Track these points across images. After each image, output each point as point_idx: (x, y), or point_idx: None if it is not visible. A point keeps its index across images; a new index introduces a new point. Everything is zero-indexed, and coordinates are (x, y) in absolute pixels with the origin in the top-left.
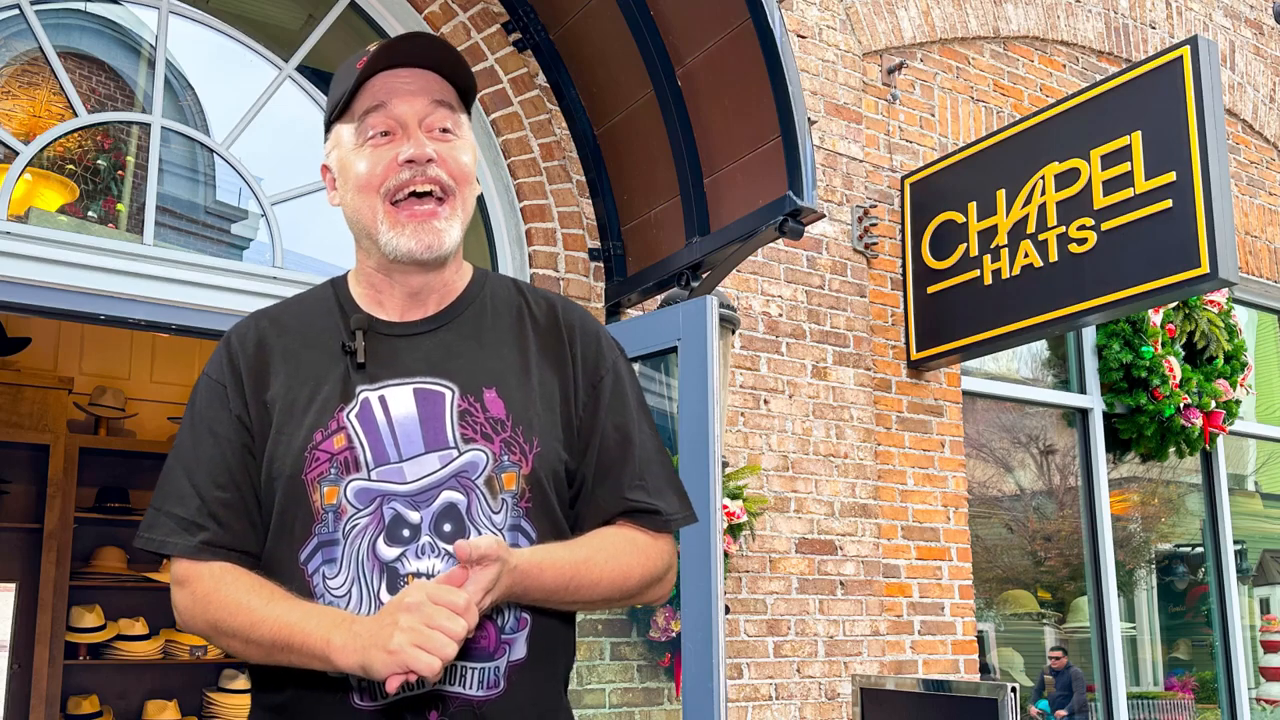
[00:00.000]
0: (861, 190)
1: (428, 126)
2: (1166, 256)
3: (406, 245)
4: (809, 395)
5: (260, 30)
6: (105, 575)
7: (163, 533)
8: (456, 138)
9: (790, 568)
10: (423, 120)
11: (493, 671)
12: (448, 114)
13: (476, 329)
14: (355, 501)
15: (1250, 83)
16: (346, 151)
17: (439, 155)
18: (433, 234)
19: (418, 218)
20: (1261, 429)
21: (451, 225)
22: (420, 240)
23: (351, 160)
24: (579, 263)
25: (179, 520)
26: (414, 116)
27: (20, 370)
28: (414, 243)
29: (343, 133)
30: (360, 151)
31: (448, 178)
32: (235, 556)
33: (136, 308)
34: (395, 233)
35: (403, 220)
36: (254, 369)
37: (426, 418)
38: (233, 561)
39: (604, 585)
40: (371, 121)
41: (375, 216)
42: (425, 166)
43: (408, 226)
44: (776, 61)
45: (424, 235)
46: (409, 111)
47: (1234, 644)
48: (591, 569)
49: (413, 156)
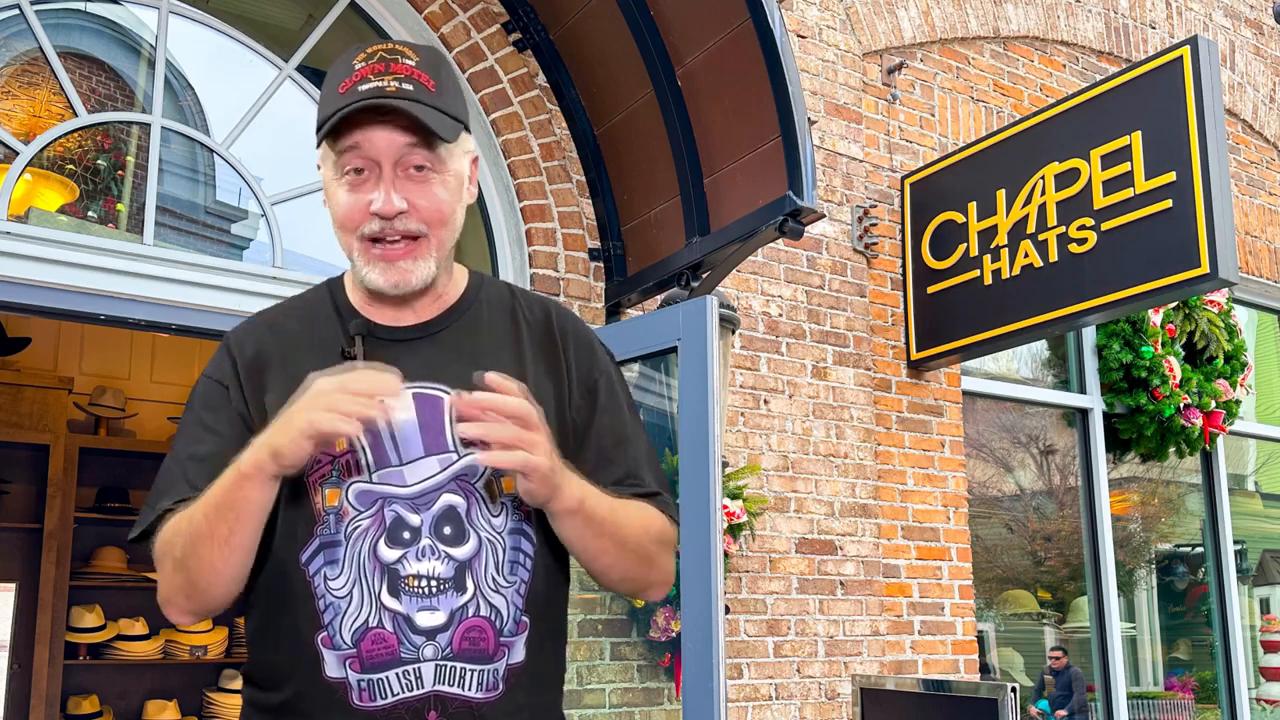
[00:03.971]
0: (861, 190)
1: (404, 165)
2: (1166, 256)
3: (378, 282)
4: (809, 395)
5: (260, 30)
6: (105, 575)
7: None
8: (435, 174)
9: (790, 568)
10: (398, 161)
11: (491, 674)
12: (425, 153)
13: (473, 334)
14: (357, 504)
15: (1250, 83)
16: (327, 177)
17: (410, 204)
18: (399, 274)
19: (386, 258)
20: (1261, 429)
21: (420, 264)
22: (389, 279)
23: (331, 190)
24: (579, 263)
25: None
26: (390, 157)
27: (20, 370)
28: (382, 280)
29: (325, 153)
30: (338, 184)
31: (418, 225)
32: None
33: (136, 308)
34: (368, 268)
35: (373, 257)
36: (252, 373)
37: (426, 422)
38: None
39: (635, 528)
40: (346, 159)
41: (351, 252)
42: (393, 221)
43: (377, 265)
44: (776, 61)
45: (391, 275)
46: (385, 151)
47: (1234, 644)
48: (626, 510)
49: (380, 211)
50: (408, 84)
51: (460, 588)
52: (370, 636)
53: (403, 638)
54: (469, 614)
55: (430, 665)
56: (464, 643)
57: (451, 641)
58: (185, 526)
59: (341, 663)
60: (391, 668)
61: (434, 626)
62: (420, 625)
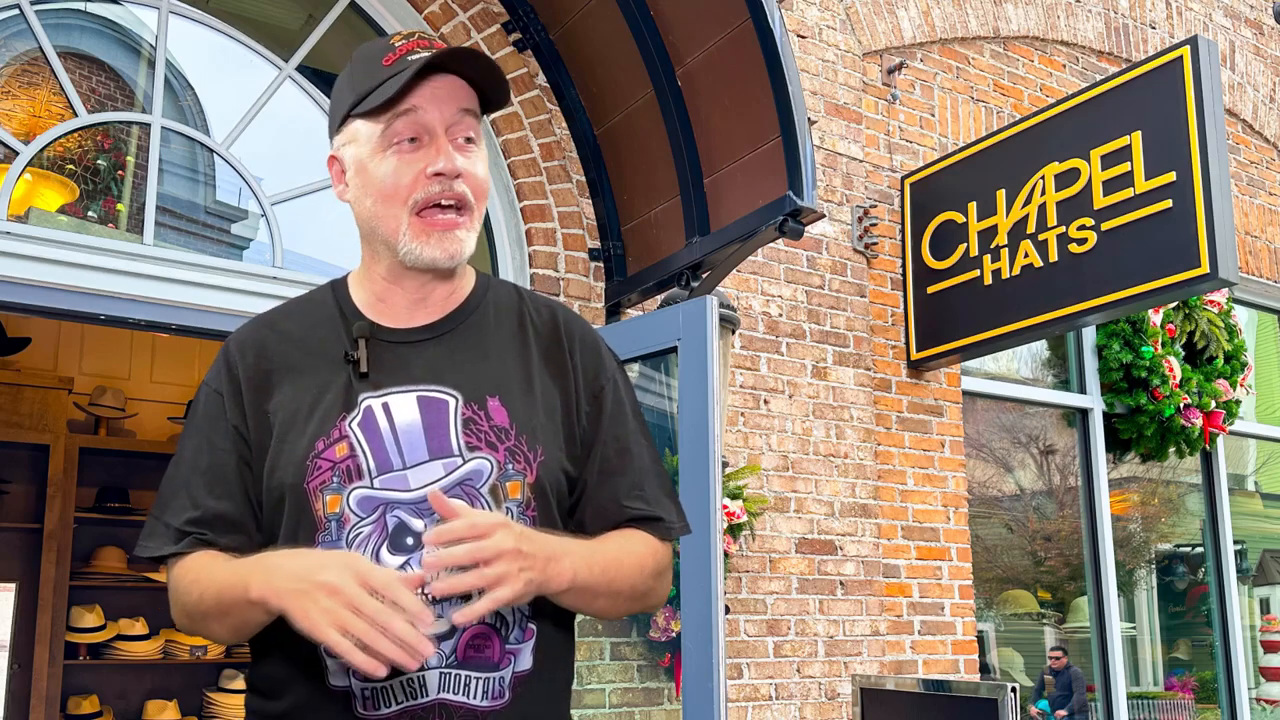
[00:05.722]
0: (861, 190)
1: (453, 135)
2: (1166, 256)
3: (430, 254)
4: (809, 395)
5: (260, 30)
6: (105, 575)
7: (158, 542)
8: (478, 148)
9: (790, 568)
10: (450, 128)
11: (497, 682)
12: (473, 123)
13: (479, 337)
14: (358, 510)
15: (1250, 83)
16: (366, 151)
17: (464, 170)
18: (455, 243)
19: (441, 226)
20: (1261, 429)
21: (470, 236)
22: (444, 249)
23: (373, 164)
24: (579, 263)
25: (174, 530)
26: (442, 124)
27: (20, 370)
28: (438, 252)
29: (361, 130)
30: (384, 157)
31: (470, 194)
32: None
33: (136, 308)
34: (419, 243)
35: (427, 230)
36: (253, 378)
37: (430, 425)
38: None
39: (629, 576)
40: (399, 127)
41: (398, 227)
42: (453, 182)
43: (432, 236)
44: (776, 61)
45: (448, 244)
46: (438, 118)
47: (1234, 644)
48: (620, 564)
49: (443, 170)
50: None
51: (464, 595)
52: None
53: None
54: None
55: (435, 673)
56: (468, 650)
57: (456, 649)
58: (194, 597)
59: (345, 671)
60: (395, 676)
61: (438, 634)
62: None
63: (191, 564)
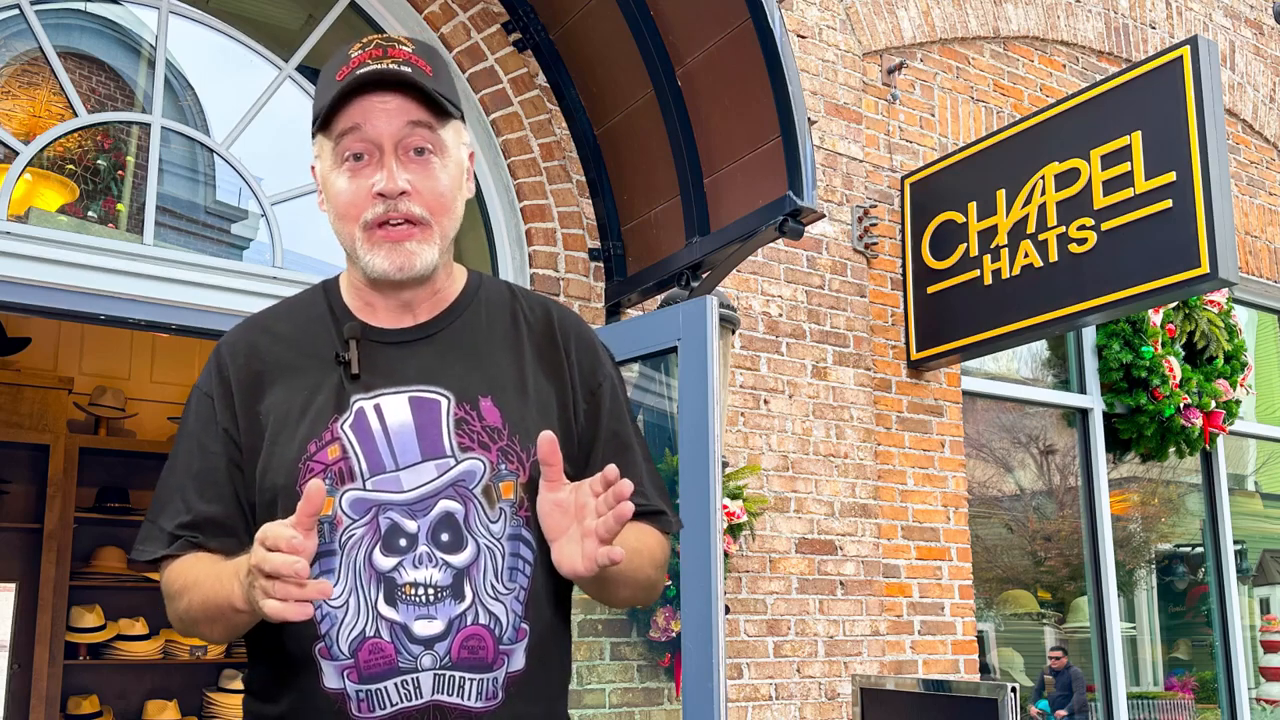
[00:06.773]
0: (861, 190)
1: (404, 148)
2: (1166, 256)
3: (381, 267)
4: (809, 395)
5: (260, 30)
6: (105, 575)
7: (152, 545)
8: (436, 157)
9: (790, 568)
10: (399, 142)
11: (491, 682)
12: (426, 134)
13: (471, 336)
14: (351, 512)
15: (1250, 83)
16: (326, 166)
17: (412, 187)
18: (404, 255)
19: (391, 238)
20: (1261, 429)
21: (425, 248)
22: (393, 262)
23: (330, 179)
24: (579, 263)
25: (166, 534)
26: (390, 139)
27: (20, 370)
28: (388, 264)
29: (323, 145)
30: (338, 173)
31: (420, 210)
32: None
33: (136, 308)
34: (372, 255)
35: (377, 240)
36: (244, 380)
37: (423, 425)
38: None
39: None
40: (346, 144)
41: (354, 243)
42: (397, 201)
43: (382, 248)
44: (776, 61)
45: (396, 257)
46: (385, 132)
47: (1234, 644)
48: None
49: (383, 191)
50: (405, 66)
51: (458, 595)
52: (367, 646)
53: (400, 647)
54: (467, 622)
55: (429, 675)
56: (463, 651)
57: (450, 650)
58: (183, 604)
59: (339, 673)
60: (390, 678)
61: (432, 635)
62: (418, 634)
63: (181, 568)
